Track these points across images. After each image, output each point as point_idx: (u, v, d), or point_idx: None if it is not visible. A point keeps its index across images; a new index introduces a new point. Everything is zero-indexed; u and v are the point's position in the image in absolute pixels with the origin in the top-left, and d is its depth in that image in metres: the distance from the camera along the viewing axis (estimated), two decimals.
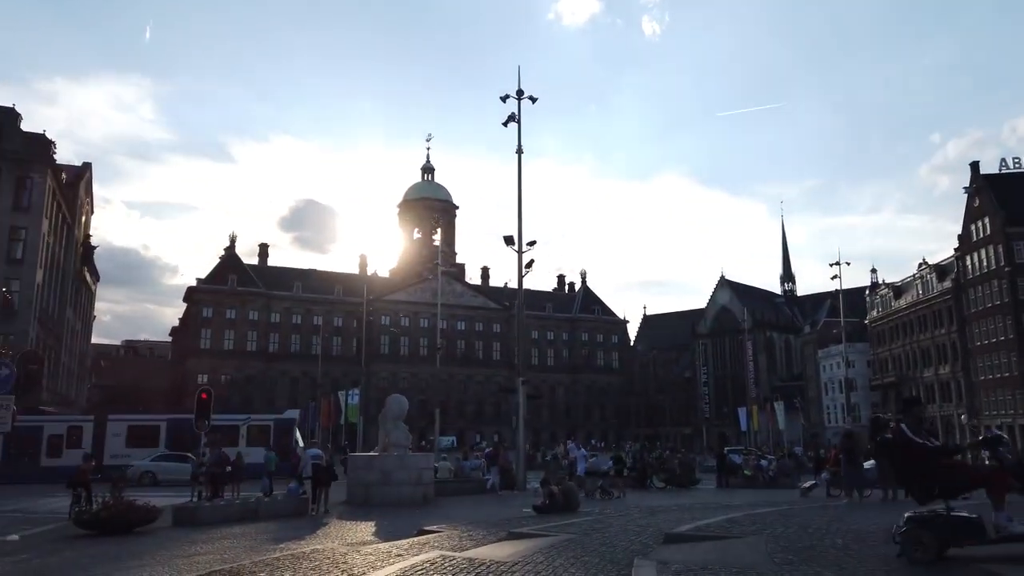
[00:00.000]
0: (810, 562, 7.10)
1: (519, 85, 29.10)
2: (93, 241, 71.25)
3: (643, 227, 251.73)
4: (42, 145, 51.50)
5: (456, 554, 8.41)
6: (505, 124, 29.35)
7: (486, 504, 20.32)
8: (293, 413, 47.75)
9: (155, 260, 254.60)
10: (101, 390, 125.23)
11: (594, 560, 7.71)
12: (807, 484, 23.16)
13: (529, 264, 28.67)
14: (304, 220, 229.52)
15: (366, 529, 14.44)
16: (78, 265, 64.34)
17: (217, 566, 9.58)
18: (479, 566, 7.47)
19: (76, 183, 62.60)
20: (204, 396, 23.11)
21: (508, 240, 28.64)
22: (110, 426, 38.73)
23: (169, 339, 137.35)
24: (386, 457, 20.91)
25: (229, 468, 21.99)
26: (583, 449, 30.05)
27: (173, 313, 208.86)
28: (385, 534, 13.34)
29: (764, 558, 7.31)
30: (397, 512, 18.19)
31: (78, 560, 11.68)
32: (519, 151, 29.84)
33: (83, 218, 66.65)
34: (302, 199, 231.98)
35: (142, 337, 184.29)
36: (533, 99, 29.43)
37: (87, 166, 67.72)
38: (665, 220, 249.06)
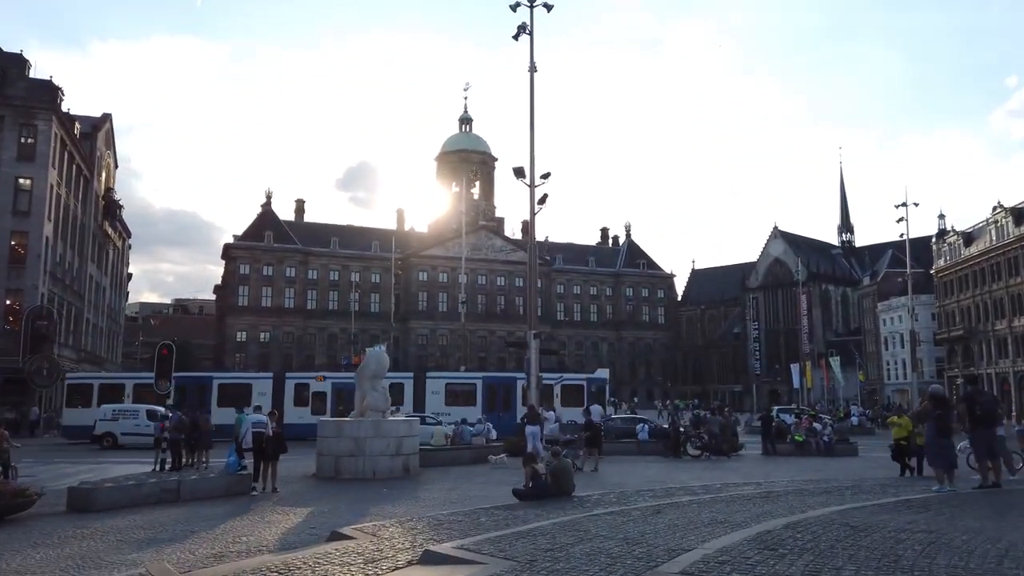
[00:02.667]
0: None
1: None
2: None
3: (694, 179, 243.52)
4: (48, 91, 49.10)
5: None
6: (515, 37, 25.26)
7: (473, 481, 16.95)
8: (604, 373, 44.11)
9: (212, 223, 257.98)
10: (146, 348, 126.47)
11: None
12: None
13: (543, 199, 24.81)
14: (358, 180, 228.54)
15: (286, 522, 11.20)
16: (99, 220, 62.52)
17: None
18: None
19: (93, 135, 60.46)
20: (164, 352, 20.10)
21: (518, 172, 24.81)
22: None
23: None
24: (359, 423, 17.66)
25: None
26: (553, 412, 26.00)
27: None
28: (298, 533, 10.07)
29: None
30: (361, 490, 14.99)
31: None
32: (531, 69, 25.74)
33: (104, 172, 64.69)
34: (357, 160, 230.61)
35: (201, 297, 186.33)
36: (548, 6, 25.25)
37: (106, 117, 65.56)
38: (717, 171, 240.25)
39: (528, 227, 25.26)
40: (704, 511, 9.47)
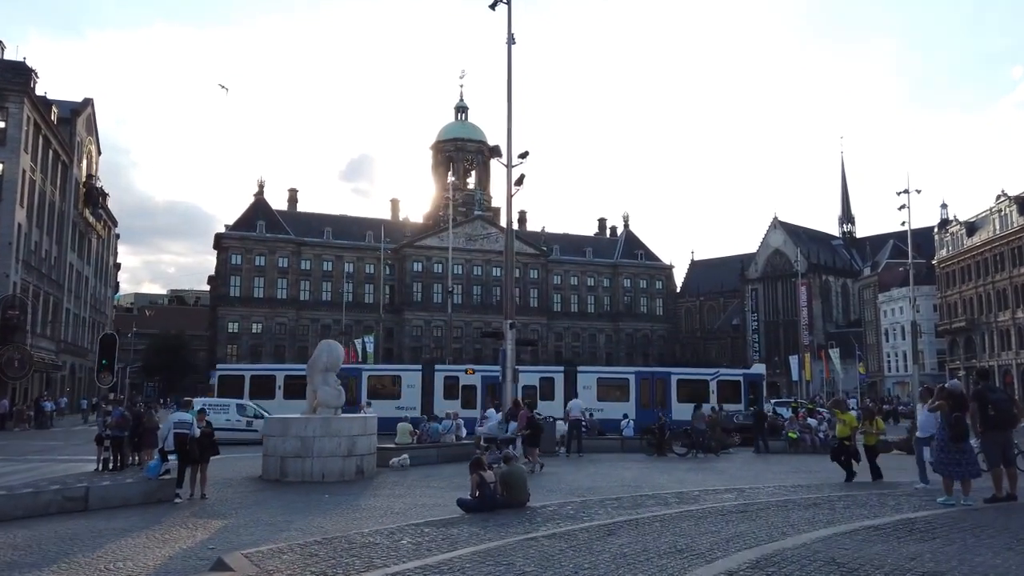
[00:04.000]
0: None
1: None
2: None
3: (693, 169, 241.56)
4: (21, 73, 47.47)
5: None
6: (492, 7, 23.59)
7: (430, 485, 15.39)
8: (760, 368, 42.75)
9: (214, 215, 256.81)
10: (140, 339, 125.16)
11: None
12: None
13: (519, 180, 23.18)
14: (360, 171, 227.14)
15: (186, 539, 9.68)
16: (80, 207, 60.88)
17: None
18: None
19: (73, 120, 58.77)
20: (108, 339, 18.49)
21: (494, 151, 23.24)
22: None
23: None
24: (307, 421, 16.13)
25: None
26: (493, 409, 24.08)
27: None
28: (186, 558, 8.56)
29: None
30: (301, 496, 13.48)
31: None
32: (509, 41, 24.05)
33: (85, 158, 63.01)
34: (357, 151, 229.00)
35: (199, 288, 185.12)
36: None
37: (87, 102, 63.88)
38: (717, 161, 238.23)
39: (507, 205, 23.67)
40: (665, 533, 7.96)
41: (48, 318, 54.04)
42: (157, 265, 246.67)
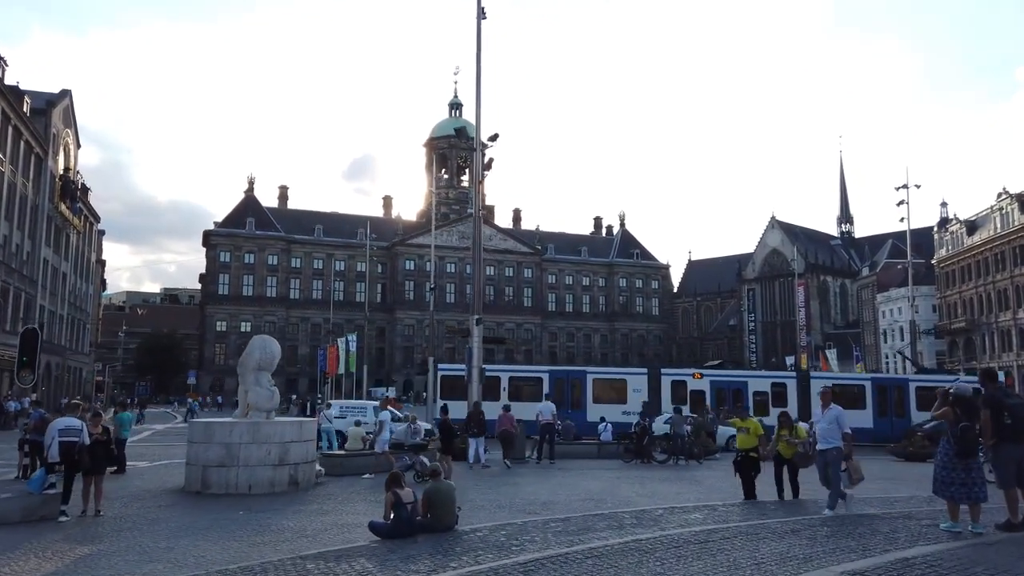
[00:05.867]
0: None
1: None
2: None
3: (691, 169, 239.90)
4: None
5: None
6: None
7: (368, 499, 13.62)
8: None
9: (216, 214, 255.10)
10: (132, 338, 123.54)
11: None
12: None
13: (488, 164, 21.48)
14: (364, 171, 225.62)
15: (30, 573, 7.93)
16: (56, 201, 59.13)
17: None
18: None
19: (48, 111, 57.07)
20: (29, 334, 16.77)
21: (460, 133, 21.56)
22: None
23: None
24: (232, 426, 14.40)
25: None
26: (392, 410, 22.44)
27: None
28: None
29: None
30: (211, 513, 11.78)
31: None
32: (479, 16, 22.36)
33: (62, 151, 61.27)
34: (357, 148, 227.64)
35: (193, 287, 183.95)
36: None
37: (65, 93, 62.13)
38: (715, 160, 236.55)
39: (475, 190, 21.93)
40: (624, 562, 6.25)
41: (19, 315, 52.25)
42: (158, 264, 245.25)
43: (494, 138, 21.93)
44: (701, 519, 10.24)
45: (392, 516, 9.00)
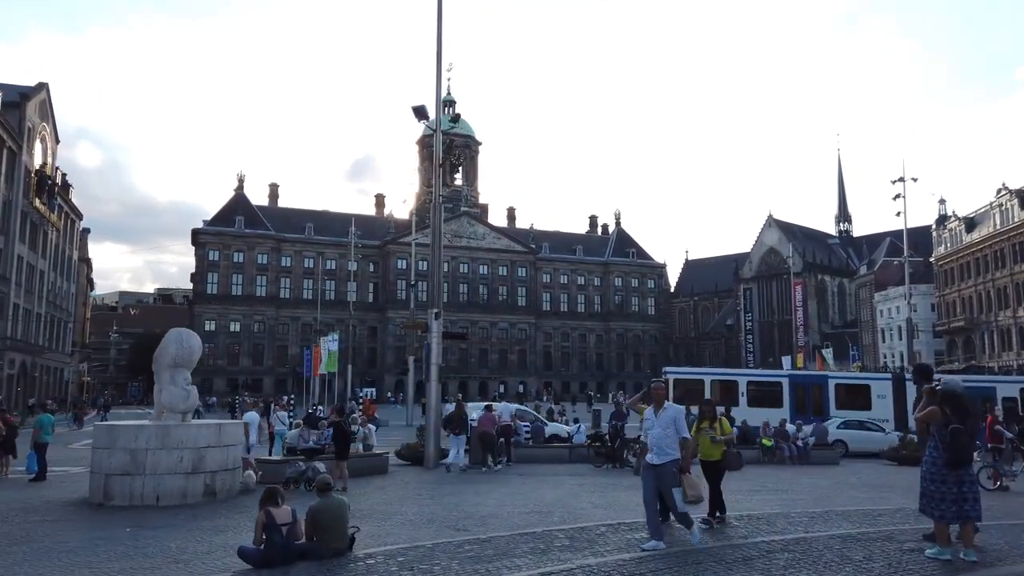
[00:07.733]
0: None
1: None
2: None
3: (687, 167, 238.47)
4: None
5: None
6: None
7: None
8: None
9: (211, 213, 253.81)
10: (126, 338, 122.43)
11: None
12: None
13: (449, 147, 19.98)
14: (365, 171, 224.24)
15: None
16: (31, 197, 57.65)
17: None
18: None
19: (22, 104, 55.62)
20: None
21: (419, 112, 20.01)
22: None
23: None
24: (138, 429, 12.90)
25: None
26: (281, 412, 21.46)
27: None
28: None
29: None
30: (96, 529, 10.37)
31: None
32: None
33: (37, 145, 59.78)
34: (363, 152, 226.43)
35: (188, 286, 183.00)
36: None
37: (41, 86, 60.67)
38: (712, 159, 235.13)
39: (435, 174, 20.51)
40: None
41: None
42: (158, 265, 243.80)
43: (456, 119, 20.52)
44: (644, 539, 8.77)
45: (262, 541, 7.51)
